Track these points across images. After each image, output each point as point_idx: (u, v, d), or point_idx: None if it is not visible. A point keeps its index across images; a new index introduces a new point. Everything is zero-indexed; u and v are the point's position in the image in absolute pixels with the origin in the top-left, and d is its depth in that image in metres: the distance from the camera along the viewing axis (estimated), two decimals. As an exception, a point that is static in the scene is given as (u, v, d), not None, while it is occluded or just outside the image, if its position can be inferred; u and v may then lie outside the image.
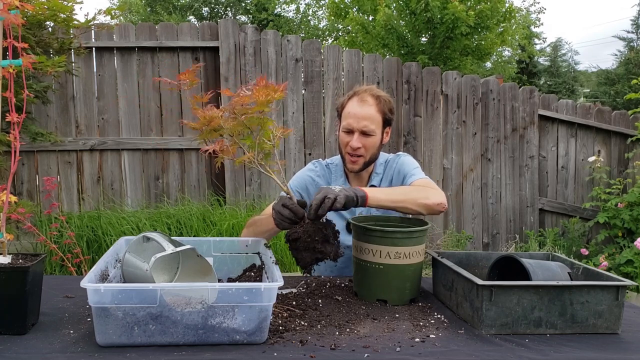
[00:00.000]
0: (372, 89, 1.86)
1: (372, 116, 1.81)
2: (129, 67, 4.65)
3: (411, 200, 1.63)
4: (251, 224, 1.81)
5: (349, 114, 1.82)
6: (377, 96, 1.83)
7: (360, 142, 1.80)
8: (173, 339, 1.16)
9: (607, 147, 5.33)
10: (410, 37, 10.11)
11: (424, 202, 1.64)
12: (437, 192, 1.70)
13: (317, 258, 1.43)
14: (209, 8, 20.39)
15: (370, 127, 1.80)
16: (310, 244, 1.41)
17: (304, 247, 1.41)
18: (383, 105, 1.83)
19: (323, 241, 1.42)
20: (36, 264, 1.24)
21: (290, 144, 4.80)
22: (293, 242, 1.43)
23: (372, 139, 1.82)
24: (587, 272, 1.50)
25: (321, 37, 17.83)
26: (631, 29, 16.55)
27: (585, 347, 1.23)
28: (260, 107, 1.33)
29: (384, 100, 1.84)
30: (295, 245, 1.43)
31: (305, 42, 4.86)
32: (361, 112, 1.80)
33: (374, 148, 1.84)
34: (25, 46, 1.24)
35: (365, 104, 1.81)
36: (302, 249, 1.42)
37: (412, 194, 1.66)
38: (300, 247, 1.42)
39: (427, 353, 1.16)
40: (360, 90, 1.85)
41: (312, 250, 1.41)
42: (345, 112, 1.85)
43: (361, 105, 1.81)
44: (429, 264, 2.16)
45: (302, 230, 1.42)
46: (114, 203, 4.57)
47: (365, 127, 1.79)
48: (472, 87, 5.10)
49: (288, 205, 1.46)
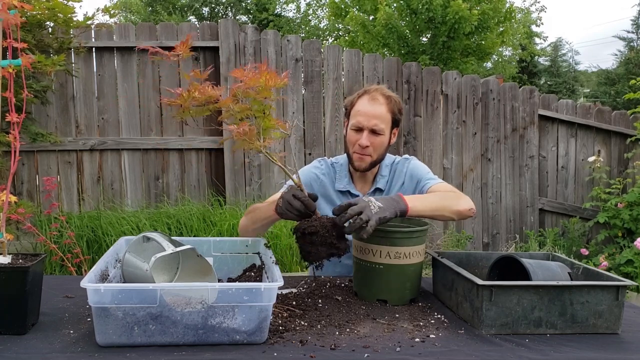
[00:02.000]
0: (382, 88, 1.84)
1: (383, 115, 1.79)
2: (129, 67, 4.65)
3: (447, 208, 1.62)
4: (251, 211, 1.79)
5: (358, 112, 1.80)
6: (388, 96, 1.81)
7: (369, 141, 1.78)
8: (173, 339, 1.16)
9: (607, 147, 5.33)
10: (411, 37, 10.11)
11: (458, 209, 1.63)
12: (465, 197, 1.71)
13: (332, 253, 1.42)
14: (209, 8, 20.39)
15: (380, 126, 1.78)
16: (328, 239, 1.40)
17: (320, 241, 1.40)
18: (393, 106, 1.81)
19: (339, 237, 1.41)
20: (36, 264, 1.24)
21: (290, 143, 4.80)
22: (308, 235, 1.41)
23: (380, 138, 1.80)
24: (587, 272, 1.50)
25: (322, 37, 17.82)
26: (631, 29, 16.56)
27: (585, 347, 1.23)
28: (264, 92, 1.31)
29: (394, 100, 1.82)
30: (310, 239, 1.41)
31: (305, 42, 4.86)
32: (372, 111, 1.78)
33: (381, 148, 1.82)
34: (25, 46, 1.24)
35: (376, 102, 1.79)
36: (318, 243, 1.40)
37: (447, 202, 1.65)
38: (316, 241, 1.40)
39: (427, 353, 1.16)
40: (371, 89, 1.83)
41: (329, 245, 1.40)
42: (355, 110, 1.82)
43: (372, 103, 1.79)
44: (429, 264, 2.16)
45: (320, 225, 1.40)
46: (114, 203, 4.57)
47: (376, 126, 1.77)
48: (472, 87, 5.10)
49: (299, 197, 1.45)
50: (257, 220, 1.71)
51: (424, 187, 1.82)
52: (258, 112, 1.36)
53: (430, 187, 1.80)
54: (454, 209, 1.63)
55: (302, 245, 1.43)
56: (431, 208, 1.59)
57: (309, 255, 1.43)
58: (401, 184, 1.89)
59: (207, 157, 4.75)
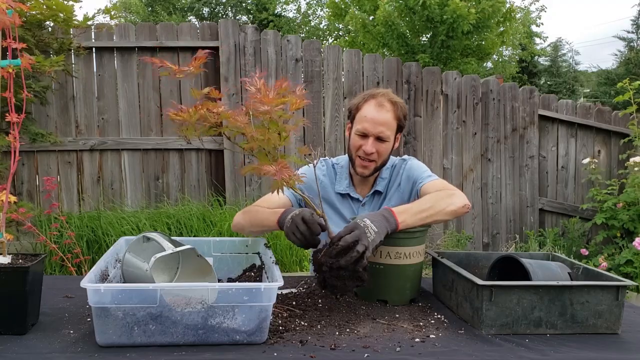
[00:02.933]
0: (389, 93, 1.81)
1: (389, 122, 1.76)
2: (129, 67, 4.65)
3: (439, 212, 1.56)
4: (250, 211, 1.76)
5: (365, 118, 1.76)
6: (395, 102, 1.79)
7: (374, 148, 1.75)
8: (173, 339, 1.16)
9: (607, 147, 5.33)
10: (411, 37, 10.11)
11: (451, 210, 1.58)
12: (458, 193, 1.65)
13: (357, 285, 1.38)
14: (209, 8, 20.39)
15: (386, 134, 1.75)
16: (356, 273, 1.35)
17: (349, 276, 1.35)
18: (399, 112, 1.79)
19: (364, 268, 1.36)
20: (36, 264, 1.24)
21: (290, 144, 4.80)
22: (336, 270, 1.35)
23: (386, 145, 1.78)
24: (587, 272, 1.50)
25: (322, 37, 17.83)
26: (631, 29, 16.52)
27: (585, 347, 1.23)
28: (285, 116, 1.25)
29: (400, 106, 1.80)
30: (338, 273, 1.35)
31: (305, 42, 4.86)
32: (379, 118, 1.75)
33: (386, 154, 1.80)
34: (24, 46, 1.24)
35: (383, 109, 1.76)
36: (346, 278, 1.35)
37: (439, 205, 1.57)
38: (345, 276, 1.35)
39: (427, 353, 1.16)
40: (378, 94, 1.79)
41: (357, 279, 1.36)
42: (361, 115, 1.78)
43: (379, 110, 1.76)
44: (429, 264, 2.16)
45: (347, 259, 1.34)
46: (113, 203, 4.57)
47: (382, 133, 1.75)
48: (472, 87, 5.10)
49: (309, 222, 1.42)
50: (256, 224, 1.69)
51: (418, 187, 1.80)
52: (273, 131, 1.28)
53: (422, 187, 1.77)
54: (447, 210, 1.57)
55: (327, 279, 1.37)
56: (422, 218, 1.52)
57: (334, 288, 1.38)
58: (397, 185, 1.87)
59: (207, 157, 4.75)
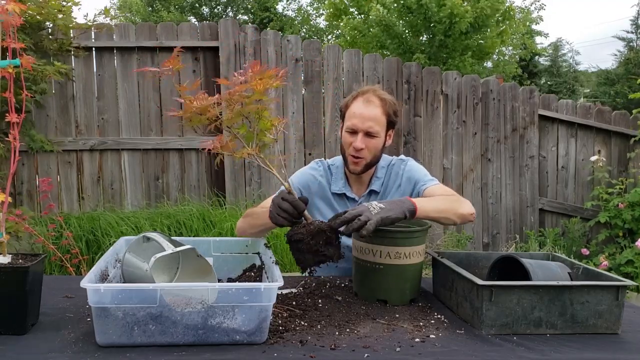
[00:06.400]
0: (377, 90, 1.82)
1: (377, 117, 1.77)
2: (129, 67, 4.64)
3: (451, 211, 1.62)
4: (249, 215, 1.78)
5: (353, 114, 1.78)
6: (383, 98, 1.79)
7: (363, 143, 1.76)
8: (173, 339, 1.16)
9: (607, 147, 5.33)
10: (411, 37, 10.10)
11: (461, 213, 1.64)
12: (466, 201, 1.71)
13: (319, 260, 1.40)
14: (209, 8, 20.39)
15: (375, 129, 1.76)
16: (314, 246, 1.38)
17: (307, 249, 1.38)
18: (388, 107, 1.79)
19: (326, 243, 1.39)
20: (36, 264, 1.24)
21: (290, 144, 4.80)
22: (295, 243, 1.40)
23: (375, 141, 1.78)
24: (588, 272, 1.50)
25: (323, 36, 17.82)
26: (631, 29, 16.52)
27: (585, 347, 1.23)
28: (258, 95, 1.29)
29: (389, 102, 1.80)
30: (297, 246, 1.39)
31: (305, 42, 4.86)
32: (366, 113, 1.76)
33: (376, 150, 1.80)
34: (22, 46, 1.24)
35: (371, 104, 1.77)
36: (305, 251, 1.39)
37: (452, 205, 1.64)
38: (303, 249, 1.39)
39: (427, 353, 1.16)
40: (366, 91, 1.81)
41: (315, 252, 1.38)
42: (350, 112, 1.80)
43: (366, 105, 1.77)
44: (429, 264, 2.16)
45: (305, 232, 1.39)
46: (113, 203, 4.57)
47: (370, 128, 1.76)
48: (472, 87, 5.10)
49: (288, 199, 1.44)
50: (254, 225, 1.71)
51: (420, 189, 1.80)
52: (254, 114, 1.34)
53: (426, 190, 1.78)
54: (458, 212, 1.63)
55: (292, 252, 1.42)
56: (438, 209, 1.58)
57: (298, 262, 1.42)
58: (398, 186, 1.87)
59: (207, 157, 4.75)
